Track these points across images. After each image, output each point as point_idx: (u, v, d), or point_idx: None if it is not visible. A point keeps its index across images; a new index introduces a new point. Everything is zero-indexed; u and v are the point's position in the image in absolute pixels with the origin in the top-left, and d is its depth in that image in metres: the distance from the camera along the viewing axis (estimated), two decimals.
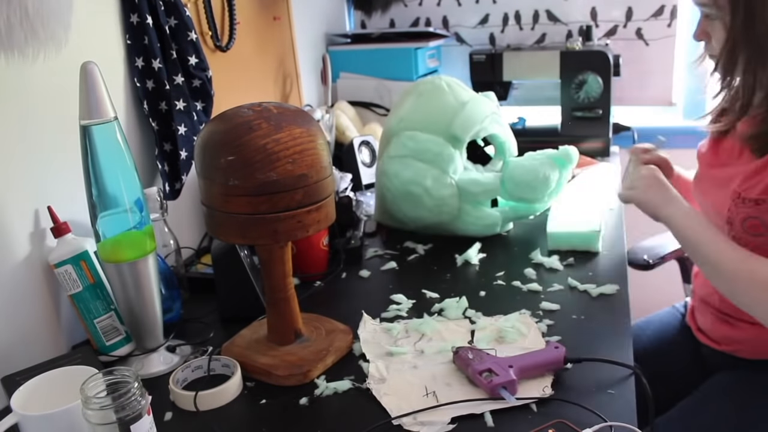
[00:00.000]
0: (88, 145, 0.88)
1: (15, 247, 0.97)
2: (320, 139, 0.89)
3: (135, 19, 1.16)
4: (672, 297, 1.52)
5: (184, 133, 1.24)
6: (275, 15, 1.72)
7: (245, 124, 0.84)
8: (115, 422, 0.70)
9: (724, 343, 1.18)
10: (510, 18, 2.16)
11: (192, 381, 0.95)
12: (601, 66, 1.83)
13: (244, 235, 0.87)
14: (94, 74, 0.86)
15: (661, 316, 1.41)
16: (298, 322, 0.99)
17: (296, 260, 1.15)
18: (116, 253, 0.93)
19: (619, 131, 1.98)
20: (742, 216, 1.01)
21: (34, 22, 0.85)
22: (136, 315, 0.97)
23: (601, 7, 2.07)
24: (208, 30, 1.42)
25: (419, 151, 1.31)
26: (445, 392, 0.86)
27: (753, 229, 1.00)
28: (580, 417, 0.79)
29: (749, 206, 1.00)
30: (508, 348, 0.95)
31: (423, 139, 1.31)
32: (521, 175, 1.30)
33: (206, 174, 0.86)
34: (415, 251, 1.33)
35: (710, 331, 1.22)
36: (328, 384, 0.91)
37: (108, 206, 0.90)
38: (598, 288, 1.10)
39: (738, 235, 1.02)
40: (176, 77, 1.22)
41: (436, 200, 1.30)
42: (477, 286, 1.16)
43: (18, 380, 0.86)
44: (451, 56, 2.23)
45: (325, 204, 0.90)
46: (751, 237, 1.00)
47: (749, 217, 1.00)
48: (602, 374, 0.88)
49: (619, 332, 0.99)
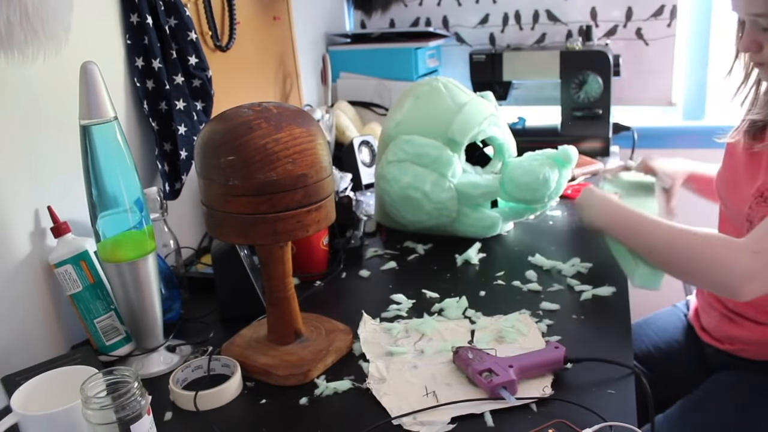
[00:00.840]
0: (88, 145, 0.88)
1: (15, 247, 0.97)
2: (320, 139, 0.89)
3: (135, 19, 1.16)
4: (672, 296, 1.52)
5: (184, 133, 1.24)
6: (275, 15, 1.72)
7: (245, 124, 0.84)
8: (115, 422, 0.70)
9: (728, 342, 1.18)
10: (510, 18, 2.16)
11: (192, 381, 0.95)
12: (601, 66, 1.83)
13: (244, 235, 0.87)
14: (94, 74, 0.86)
15: (662, 316, 1.41)
16: (298, 322, 0.99)
17: (296, 260, 1.15)
18: (116, 253, 0.93)
19: (619, 131, 1.98)
20: (763, 215, 1.00)
21: (34, 22, 0.85)
22: (136, 315, 0.97)
23: (601, 7, 2.07)
24: (208, 30, 1.42)
25: (417, 155, 1.31)
26: (445, 392, 0.86)
27: None
28: (580, 417, 0.79)
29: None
30: (508, 348, 0.95)
31: (421, 143, 1.31)
32: (521, 176, 1.29)
33: (206, 174, 0.86)
34: (415, 251, 1.33)
35: (715, 330, 1.21)
36: (328, 384, 0.91)
37: (108, 206, 0.90)
38: (597, 288, 1.10)
39: None
40: (176, 77, 1.23)
41: (435, 204, 1.30)
42: (477, 286, 1.16)
43: (18, 380, 0.86)
44: (451, 56, 2.23)
45: (325, 204, 0.90)
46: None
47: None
48: (602, 374, 0.88)
49: (619, 332, 0.99)
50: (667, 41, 2.03)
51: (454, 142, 1.31)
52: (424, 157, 1.30)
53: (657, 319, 1.40)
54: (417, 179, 1.30)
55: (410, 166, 1.31)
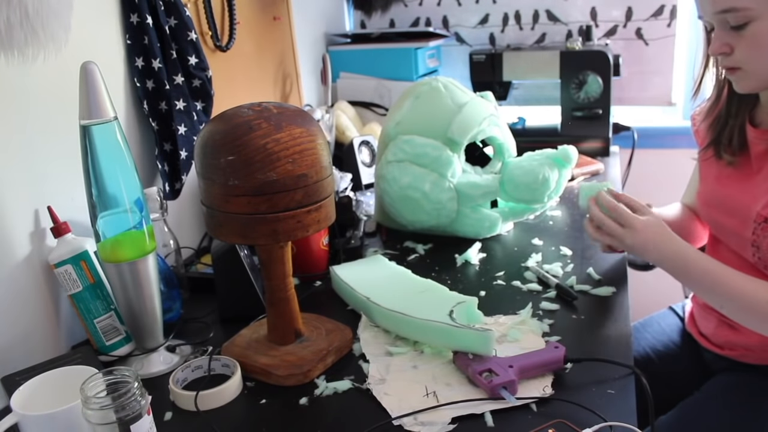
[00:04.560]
0: (88, 145, 0.88)
1: (15, 247, 0.97)
2: (320, 139, 0.89)
3: (135, 19, 1.16)
4: (671, 298, 1.52)
5: (184, 133, 1.24)
6: (275, 15, 1.72)
7: (245, 124, 0.84)
8: (115, 422, 0.70)
9: (727, 347, 1.17)
10: (510, 18, 2.16)
11: (192, 381, 0.95)
12: (601, 66, 1.83)
13: (244, 235, 0.87)
14: (94, 74, 0.86)
15: (659, 320, 1.39)
16: (298, 322, 0.99)
17: (296, 260, 1.15)
18: (116, 253, 0.93)
19: (619, 131, 1.98)
20: None
21: (34, 22, 0.85)
22: (136, 315, 0.97)
23: (601, 7, 2.07)
24: (208, 30, 1.42)
25: (417, 155, 1.31)
26: (445, 392, 0.86)
27: None
28: (580, 417, 0.79)
29: None
30: (508, 348, 0.95)
31: (420, 143, 1.31)
32: (520, 176, 1.29)
33: (206, 174, 0.86)
34: (415, 251, 1.33)
35: (713, 335, 1.20)
36: (328, 384, 0.91)
37: (108, 206, 0.90)
38: (597, 288, 1.10)
39: (765, 257, 1.01)
40: (176, 77, 1.23)
41: (435, 204, 1.30)
42: (477, 286, 1.16)
43: (18, 380, 0.86)
44: (451, 56, 2.23)
45: (325, 204, 0.90)
46: None
47: None
48: (602, 374, 0.88)
49: (619, 332, 0.99)
50: (667, 41, 2.04)
51: (454, 142, 1.31)
52: (424, 157, 1.30)
53: (654, 322, 1.39)
54: (417, 179, 1.30)
55: (410, 166, 1.31)
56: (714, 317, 1.18)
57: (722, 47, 0.97)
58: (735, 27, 0.94)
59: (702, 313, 1.23)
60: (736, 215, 1.07)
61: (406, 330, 0.97)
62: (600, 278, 1.14)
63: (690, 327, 1.29)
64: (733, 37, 0.96)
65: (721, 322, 1.17)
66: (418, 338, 0.96)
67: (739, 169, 1.09)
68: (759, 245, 1.01)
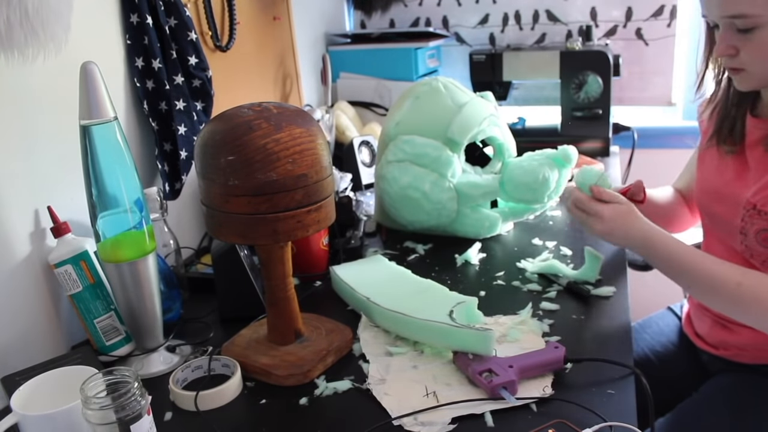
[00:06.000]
0: (88, 145, 0.88)
1: (15, 247, 0.97)
2: (320, 139, 0.89)
3: (135, 19, 1.16)
4: (670, 297, 1.52)
5: (184, 133, 1.24)
6: (275, 15, 1.72)
7: (245, 124, 0.84)
8: (115, 422, 0.70)
9: (722, 347, 1.17)
10: (510, 18, 2.16)
11: (192, 381, 0.95)
12: (601, 66, 1.83)
13: (244, 235, 0.87)
14: (94, 74, 0.86)
15: (658, 320, 1.39)
16: (298, 322, 0.99)
17: (296, 260, 1.15)
18: (116, 253, 0.93)
19: (619, 131, 1.98)
20: (757, 228, 1.00)
21: (34, 22, 0.85)
22: (136, 315, 0.97)
23: (601, 7, 2.07)
24: (208, 30, 1.42)
25: (417, 155, 1.31)
26: (445, 392, 0.86)
27: (767, 241, 0.99)
28: (580, 417, 0.79)
29: (765, 218, 0.99)
30: (508, 348, 0.95)
31: (420, 143, 1.31)
32: (520, 176, 1.29)
33: (206, 174, 0.86)
34: (415, 251, 1.33)
35: (708, 336, 1.20)
36: (328, 384, 0.91)
37: (108, 206, 0.90)
38: (597, 288, 1.10)
39: (751, 245, 1.02)
40: (176, 77, 1.23)
41: (435, 204, 1.30)
42: (477, 286, 1.16)
43: (18, 380, 0.86)
44: (451, 56, 2.23)
45: (325, 204, 0.90)
46: (763, 248, 1.00)
47: (764, 229, 0.99)
48: (602, 374, 0.88)
49: (618, 332, 0.99)
50: (667, 41, 2.04)
51: (454, 142, 1.31)
52: (424, 157, 1.30)
53: (653, 323, 1.39)
54: (416, 179, 1.30)
55: (410, 166, 1.31)
56: (709, 317, 1.19)
57: (728, 49, 0.98)
58: (742, 30, 0.95)
59: (697, 313, 1.23)
60: (727, 202, 1.08)
61: (406, 330, 0.97)
62: (600, 278, 1.14)
63: (686, 328, 1.29)
64: (740, 39, 0.96)
65: (716, 322, 1.17)
66: (418, 338, 0.96)
67: (738, 159, 1.09)
68: (746, 232, 1.02)
